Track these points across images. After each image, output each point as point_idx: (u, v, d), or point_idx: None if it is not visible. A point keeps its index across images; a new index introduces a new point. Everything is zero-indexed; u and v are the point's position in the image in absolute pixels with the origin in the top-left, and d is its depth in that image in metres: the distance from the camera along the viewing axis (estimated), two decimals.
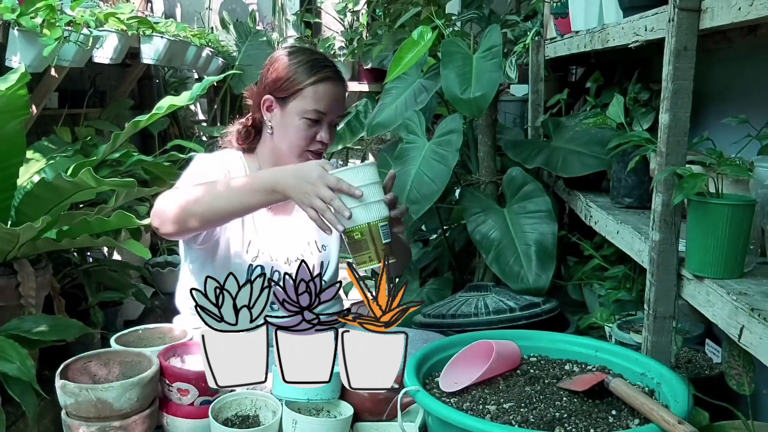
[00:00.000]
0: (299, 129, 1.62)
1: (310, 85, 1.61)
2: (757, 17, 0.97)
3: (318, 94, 1.62)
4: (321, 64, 1.65)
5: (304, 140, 1.63)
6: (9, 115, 1.72)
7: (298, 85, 1.61)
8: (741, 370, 1.15)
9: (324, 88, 1.62)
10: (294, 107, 1.62)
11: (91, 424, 1.28)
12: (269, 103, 1.65)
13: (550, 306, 1.91)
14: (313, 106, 1.61)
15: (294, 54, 1.66)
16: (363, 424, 1.36)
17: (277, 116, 1.65)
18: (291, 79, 1.62)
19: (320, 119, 1.63)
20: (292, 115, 1.62)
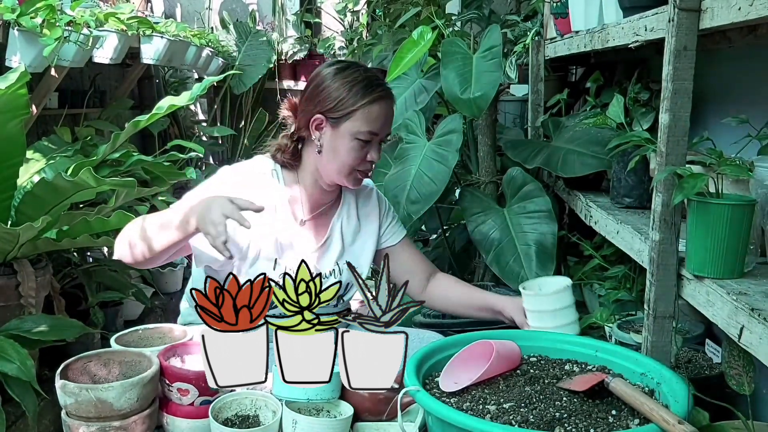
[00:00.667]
0: (351, 150, 1.58)
1: (363, 106, 1.57)
2: (757, 17, 0.97)
3: (372, 115, 1.58)
4: (375, 83, 1.60)
5: (355, 161, 1.60)
6: (9, 115, 1.72)
7: (351, 106, 1.57)
8: (741, 370, 1.15)
9: (378, 108, 1.59)
10: (346, 128, 1.58)
11: (91, 424, 1.28)
12: (319, 122, 1.60)
13: None
14: (366, 127, 1.58)
15: (344, 72, 1.60)
16: (363, 424, 1.36)
17: (327, 136, 1.60)
18: (343, 100, 1.57)
19: (372, 139, 1.60)
20: (344, 135, 1.58)
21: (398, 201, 2.10)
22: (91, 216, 1.75)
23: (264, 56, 4.43)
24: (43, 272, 1.90)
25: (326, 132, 1.60)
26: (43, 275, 1.90)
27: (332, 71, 1.61)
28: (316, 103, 1.60)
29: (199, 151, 2.36)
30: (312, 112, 1.60)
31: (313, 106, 1.60)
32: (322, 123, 1.60)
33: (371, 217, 1.78)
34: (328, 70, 1.63)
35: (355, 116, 1.57)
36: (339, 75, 1.60)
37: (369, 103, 1.57)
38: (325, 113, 1.59)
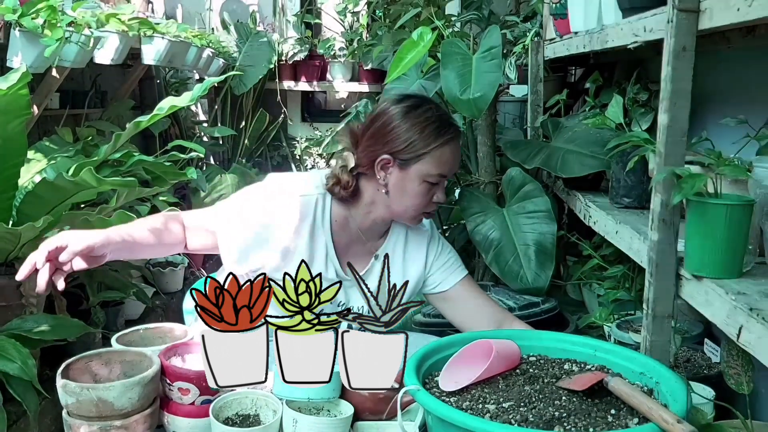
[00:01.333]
0: (420, 193, 1.54)
1: (435, 149, 1.52)
2: (756, 18, 0.98)
3: (443, 158, 1.53)
4: (446, 124, 1.55)
5: (423, 203, 1.55)
6: (10, 115, 1.73)
7: (423, 149, 1.51)
8: (740, 370, 1.16)
9: (449, 151, 1.54)
10: (416, 170, 1.52)
11: (92, 424, 1.28)
12: (386, 162, 1.53)
13: (549, 305, 1.92)
14: (437, 170, 1.52)
15: (415, 112, 1.53)
16: (363, 424, 1.36)
17: (394, 177, 1.54)
18: (414, 143, 1.51)
19: (440, 181, 1.55)
20: (414, 178, 1.53)
21: None
22: (92, 216, 1.75)
23: (264, 57, 4.44)
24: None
25: (393, 173, 1.54)
26: None
27: (402, 110, 1.54)
28: (384, 142, 1.53)
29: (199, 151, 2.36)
30: (379, 151, 1.53)
31: (380, 145, 1.53)
32: (390, 163, 1.53)
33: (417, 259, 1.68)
34: (397, 108, 1.55)
35: (426, 159, 1.52)
36: (410, 115, 1.53)
37: (441, 146, 1.52)
38: (393, 153, 1.52)
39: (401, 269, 1.66)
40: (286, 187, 1.58)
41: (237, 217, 1.55)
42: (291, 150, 4.86)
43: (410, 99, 1.58)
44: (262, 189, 1.58)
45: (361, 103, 3.37)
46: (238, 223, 1.54)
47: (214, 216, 1.58)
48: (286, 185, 1.59)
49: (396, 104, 1.56)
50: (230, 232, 1.55)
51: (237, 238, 1.54)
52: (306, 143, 4.83)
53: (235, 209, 1.57)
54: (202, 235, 1.58)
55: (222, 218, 1.57)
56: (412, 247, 1.68)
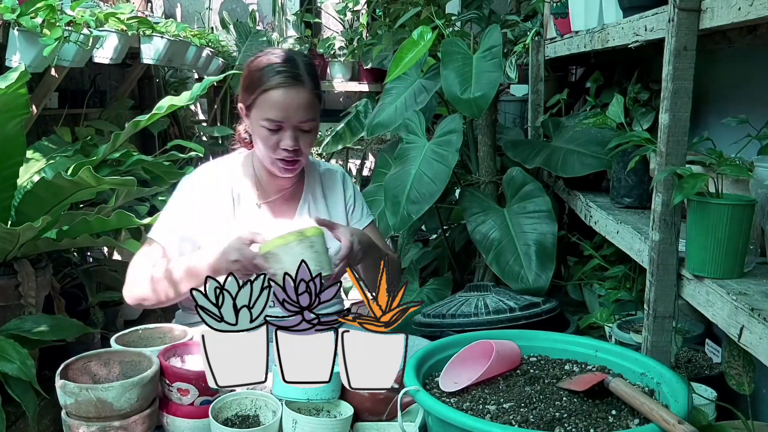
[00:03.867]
0: (262, 138, 1.59)
1: (261, 93, 1.56)
2: (757, 17, 0.97)
3: (270, 103, 1.56)
4: (275, 69, 1.57)
5: (269, 149, 1.59)
6: (9, 115, 1.72)
7: (252, 93, 1.58)
8: (741, 370, 1.15)
9: (275, 95, 1.56)
10: (254, 116, 1.59)
11: (91, 424, 1.28)
12: (242, 110, 1.64)
13: (550, 306, 1.91)
14: (267, 114, 1.56)
15: (257, 59, 1.61)
16: (363, 424, 1.36)
17: (248, 124, 1.65)
18: (248, 88, 1.59)
19: (279, 127, 1.57)
20: (254, 123, 1.60)
21: (398, 201, 2.10)
22: (91, 216, 1.75)
23: None
24: (43, 272, 1.90)
25: (247, 120, 1.64)
26: (43, 275, 1.90)
27: (254, 58, 1.63)
28: (240, 91, 1.64)
29: (199, 151, 2.36)
30: (238, 101, 1.65)
31: (240, 94, 1.64)
32: (243, 111, 1.64)
33: (337, 200, 1.78)
34: (253, 57, 1.65)
35: (257, 104, 1.58)
36: (255, 62, 1.61)
37: (265, 91, 1.56)
38: (242, 101, 1.63)
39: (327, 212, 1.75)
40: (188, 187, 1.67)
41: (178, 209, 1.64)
42: None
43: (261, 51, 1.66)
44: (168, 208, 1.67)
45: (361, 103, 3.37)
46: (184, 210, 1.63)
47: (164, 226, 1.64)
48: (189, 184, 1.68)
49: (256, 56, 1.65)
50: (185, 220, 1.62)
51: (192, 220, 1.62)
52: None
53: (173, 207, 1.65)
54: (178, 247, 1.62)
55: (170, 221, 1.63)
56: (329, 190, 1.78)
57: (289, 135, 1.58)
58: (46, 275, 1.92)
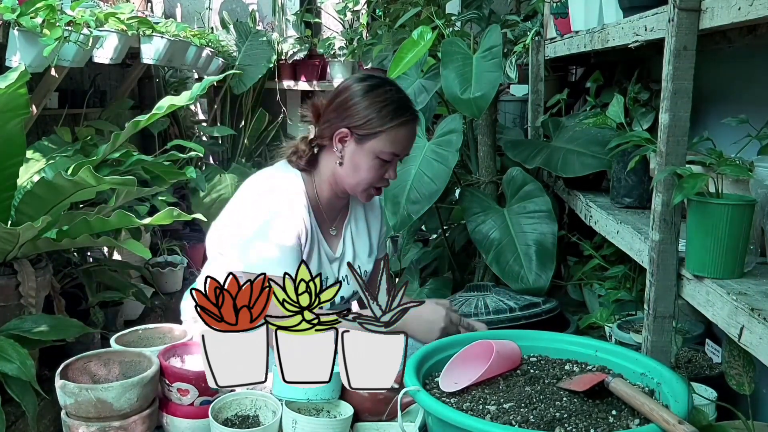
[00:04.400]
0: (372, 168, 1.60)
1: (391, 128, 1.58)
2: (757, 17, 0.97)
3: (398, 137, 1.59)
4: (405, 106, 1.61)
5: (374, 178, 1.62)
6: (9, 115, 1.72)
7: (379, 127, 1.57)
8: (741, 370, 1.15)
9: (404, 131, 1.60)
10: (371, 147, 1.59)
11: (90, 424, 1.28)
12: (344, 135, 1.60)
13: (550, 306, 1.91)
14: (390, 148, 1.59)
15: (376, 91, 1.60)
16: (363, 424, 1.36)
17: (350, 150, 1.61)
18: (372, 120, 1.58)
19: (392, 159, 1.62)
20: (367, 153, 1.59)
21: (398, 201, 2.10)
22: (91, 216, 1.75)
23: (264, 56, 4.43)
24: (43, 272, 1.90)
25: (349, 146, 1.61)
26: (43, 275, 1.90)
27: (363, 88, 1.61)
28: (343, 117, 1.60)
29: (199, 150, 2.35)
30: (338, 125, 1.60)
31: (340, 119, 1.60)
32: (347, 137, 1.60)
33: (375, 225, 1.83)
34: (360, 86, 1.62)
35: (381, 137, 1.58)
36: (370, 93, 1.60)
37: (397, 126, 1.58)
38: (351, 128, 1.59)
39: (365, 235, 1.78)
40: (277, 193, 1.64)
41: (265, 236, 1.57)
42: None
43: (373, 79, 1.65)
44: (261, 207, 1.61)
45: None
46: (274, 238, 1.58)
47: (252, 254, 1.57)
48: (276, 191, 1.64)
49: (359, 82, 1.63)
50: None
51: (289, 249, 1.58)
52: None
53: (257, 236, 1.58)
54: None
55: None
56: (371, 213, 1.83)
57: (395, 167, 1.64)
58: (46, 275, 1.92)
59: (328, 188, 1.68)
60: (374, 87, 1.61)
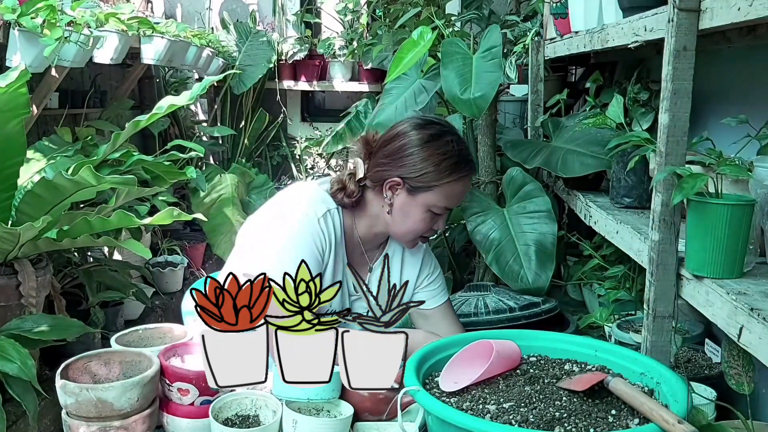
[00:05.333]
0: (423, 220, 1.54)
1: (447, 184, 1.51)
2: (756, 17, 0.97)
3: (453, 192, 1.53)
4: (464, 160, 1.53)
5: (423, 230, 1.56)
6: (9, 114, 1.73)
7: (435, 182, 1.51)
8: (740, 370, 1.16)
9: (461, 186, 1.54)
10: (423, 199, 1.52)
11: (91, 424, 1.28)
12: (396, 184, 1.53)
13: (550, 306, 1.92)
14: (444, 203, 1.53)
15: (435, 143, 1.51)
16: (363, 424, 1.36)
17: (401, 199, 1.53)
18: (428, 174, 1.50)
19: (444, 212, 1.56)
20: (419, 206, 1.53)
21: None
22: (91, 216, 1.75)
23: (264, 56, 4.43)
24: (43, 272, 1.90)
25: (400, 195, 1.54)
26: (44, 275, 1.90)
27: (422, 137, 1.52)
28: (398, 165, 1.52)
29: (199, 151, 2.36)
30: (390, 172, 1.53)
31: (393, 167, 1.53)
32: (399, 186, 1.53)
33: (411, 269, 1.70)
34: (418, 134, 1.53)
35: (436, 191, 1.52)
36: (429, 145, 1.51)
37: (454, 182, 1.52)
38: (404, 178, 1.52)
39: (398, 273, 1.69)
40: (302, 214, 1.53)
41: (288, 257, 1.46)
42: (291, 150, 4.86)
43: (433, 127, 1.55)
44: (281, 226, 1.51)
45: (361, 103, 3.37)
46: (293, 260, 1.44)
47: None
48: (302, 212, 1.53)
49: (417, 129, 1.54)
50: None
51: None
52: (306, 143, 4.82)
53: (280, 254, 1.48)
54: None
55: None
56: (408, 255, 1.70)
57: (445, 218, 1.57)
58: (47, 275, 1.92)
59: (367, 229, 1.60)
60: (433, 137, 1.52)
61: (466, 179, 1.55)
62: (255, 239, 1.56)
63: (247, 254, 1.55)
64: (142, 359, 1.40)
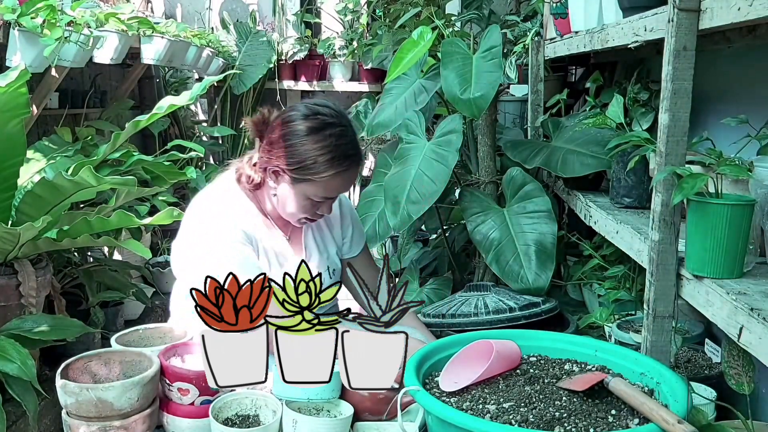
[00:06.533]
0: (303, 207, 1.55)
1: (327, 178, 1.50)
2: (756, 17, 0.97)
3: (332, 185, 1.53)
4: (345, 154, 1.51)
5: (304, 214, 1.57)
6: (9, 114, 1.73)
7: (311, 175, 1.50)
8: (740, 370, 1.16)
9: (340, 180, 1.53)
10: (303, 189, 1.52)
11: (91, 424, 1.28)
12: (277, 172, 1.54)
13: (550, 306, 1.91)
14: (323, 194, 1.53)
15: (317, 135, 1.50)
16: (363, 424, 1.36)
17: (283, 187, 1.55)
18: (308, 166, 1.49)
19: (326, 201, 1.57)
20: (299, 194, 1.53)
21: (398, 201, 2.10)
22: (91, 216, 1.75)
23: (264, 56, 4.43)
24: (43, 272, 1.90)
25: (283, 184, 1.54)
26: (44, 275, 1.90)
27: (305, 129, 1.51)
28: (278, 155, 1.52)
29: (199, 151, 2.36)
30: (273, 161, 1.53)
31: (274, 155, 1.52)
32: (281, 174, 1.53)
33: (334, 225, 1.77)
34: (299, 125, 1.51)
35: (314, 183, 1.51)
36: (310, 137, 1.50)
37: (332, 176, 1.51)
38: (287, 171, 1.52)
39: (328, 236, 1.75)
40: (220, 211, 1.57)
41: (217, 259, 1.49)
42: None
43: (316, 118, 1.52)
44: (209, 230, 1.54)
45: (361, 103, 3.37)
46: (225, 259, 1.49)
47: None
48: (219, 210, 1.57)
49: (301, 120, 1.52)
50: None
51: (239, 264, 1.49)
52: None
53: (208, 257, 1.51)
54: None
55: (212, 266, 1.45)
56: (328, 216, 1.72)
57: (329, 204, 1.58)
58: (47, 275, 1.92)
59: (273, 209, 1.62)
60: (313, 131, 1.50)
61: (345, 174, 1.53)
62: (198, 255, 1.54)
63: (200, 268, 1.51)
64: (142, 359, 1.40)
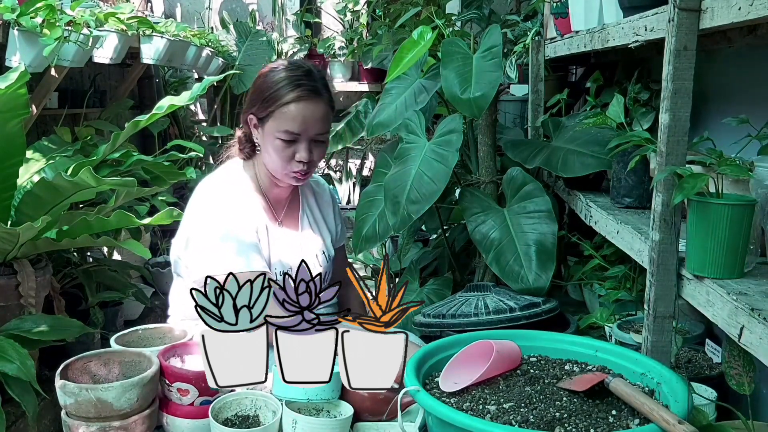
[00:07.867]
0: (276, 149, 1.60)
1: (282, 105, 1.57)
2: (757, 17, 0.97)
3: (290, 115, 1.58)
4: (295, 83, 1.59)
5: (283, 160, 1.61)
6: (9, 115, 1.72)
7: (271, 106, 1.58)
8: (741, 370, 1.15)
9: (296, 108, 1.58)
10: (270, 128, 1.60)
11: (91, 424, 1.28)
12: (254, 121, 1.63)
13: (550, 306, 1.91)
14: (284, 126, 1.58)
15: (273, 71, 1.62)
16: (363, 424, 1.36)
17: (260, 135, 1.64)
18: (266, 100, 1.59)
19: (296, 139, 1.60)
20: (269, 135, 1.60)
21: (398, 201, 2.10)
22: (91, 216, 1.75)
23: (264, 56, 4.43)
24: (43, 272, 1.90)
25: (259, 131, 1.63)
26: (43, 275, 1.90)
27: (266, 69, 1.64)
28: (251, 102, 1.64)
29: (199, 151, 2.35)
30: (247, 110, 1.65)
31: (249, 105, 1.65)
32: (254, 122, 1.63)
33: (329, 212, 1.86)
34: (265, 69, 1.65)
35: (274, 116, 1.58)
36: (268, 75, 1.62)
37: (285, 104, 1.57)
38: (254, 112, 1.62)
39: (322, 220, 1.82)
40: (221, 191, 1.65)
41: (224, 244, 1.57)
42: None
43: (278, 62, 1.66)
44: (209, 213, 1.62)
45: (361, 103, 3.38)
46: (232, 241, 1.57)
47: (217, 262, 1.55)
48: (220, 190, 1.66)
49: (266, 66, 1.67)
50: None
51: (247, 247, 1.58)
52: None
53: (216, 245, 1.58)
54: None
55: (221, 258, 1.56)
56: (321, 200, 1.86)
57: (305, 147, 1.61)
58: (46, 275, 1.92)
59: (265, 176, 1.70)
60: (273, 69, 1.62)
61: (302, 101, 1.58)
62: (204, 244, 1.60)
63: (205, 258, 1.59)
64: (142, 359, 1.39)
